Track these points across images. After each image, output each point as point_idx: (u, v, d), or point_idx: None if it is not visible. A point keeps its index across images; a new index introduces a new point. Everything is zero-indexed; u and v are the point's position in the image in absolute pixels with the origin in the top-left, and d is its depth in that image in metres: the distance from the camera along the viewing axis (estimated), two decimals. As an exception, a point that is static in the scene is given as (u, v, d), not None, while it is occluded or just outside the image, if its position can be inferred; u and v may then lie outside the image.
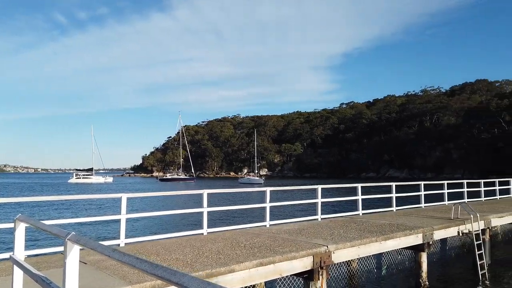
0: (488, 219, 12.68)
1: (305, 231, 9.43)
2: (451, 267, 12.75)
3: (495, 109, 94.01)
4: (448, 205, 14.99)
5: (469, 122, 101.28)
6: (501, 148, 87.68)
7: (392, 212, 14.18)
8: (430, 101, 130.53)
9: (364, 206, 14.24)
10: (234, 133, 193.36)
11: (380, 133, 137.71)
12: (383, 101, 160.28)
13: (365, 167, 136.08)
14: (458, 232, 11.41)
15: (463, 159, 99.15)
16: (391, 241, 9.21)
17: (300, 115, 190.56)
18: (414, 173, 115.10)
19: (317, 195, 11.80)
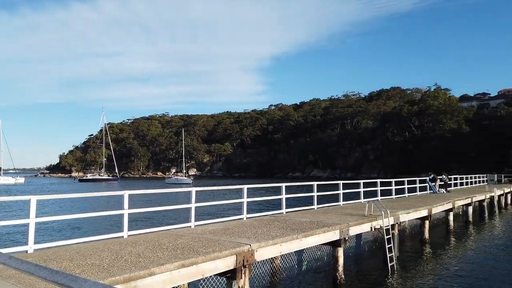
0: (397, 215, 13.89)
1: (229, 231, 9.50)
2: (365, 261, 13.76)
3: (407, 114, 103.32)
4: (363, 202, 16.12)
5: (385, 126, 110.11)
6: (411, 150, 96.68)
7: (313, 210, 14.87)
8: (351, 105, 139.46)
9: (288, 204, 14.75)
10: (162, 132, 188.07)
11: (306, 135, 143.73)
12: (309, 104, 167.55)
13: (292, 167, 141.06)
14: (371, 227, 12.34)
15: (379, 159, 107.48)
16: (311, 238, 9.66)
17: (230, 115, 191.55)
18: (336, 173, 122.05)
19: (243, 195, 11.96)
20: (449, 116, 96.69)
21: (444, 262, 13.66)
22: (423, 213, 16.21)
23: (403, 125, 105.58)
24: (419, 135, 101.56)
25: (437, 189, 25.93)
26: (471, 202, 23.14)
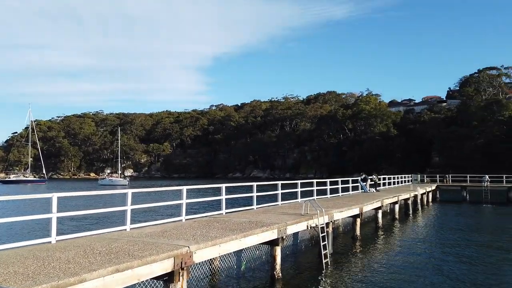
0: (331, 213, 14.55)
1: (167, 233, 9.31)
2: (301, 258, 14.22)
3: (341, 117, 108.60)
4: (300, 202, 16.66)
5: (321, 128, 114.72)
6: (345, 151, 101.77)
7: (253, 210, 15.07)
8: (290, 107, 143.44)
9: (228, 205, 14.79)
10: (96, 130, 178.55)
11: (246, 136, 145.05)
12: (250, 105, 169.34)
13: (233, 168, 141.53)
14: (308, 226, 12.81)
15: (316, 160, 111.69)
16: (250, 238, 9.79)
17: (170, 115, 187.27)
18: (275, 173, 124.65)
19: (182, 196, 11.78)
20: (379, 120, 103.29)
21: (374, 256, 14.58)
22: (355, 211, 17.14)
23: (338, 127, 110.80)
24: (352, 137, 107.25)
25: (368, 188, 27.57)
26: (398, 200, 24.94)
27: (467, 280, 11.42)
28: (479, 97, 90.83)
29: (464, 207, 33.53)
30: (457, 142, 76.94)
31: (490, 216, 28.06)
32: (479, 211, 30.41)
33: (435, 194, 39.37)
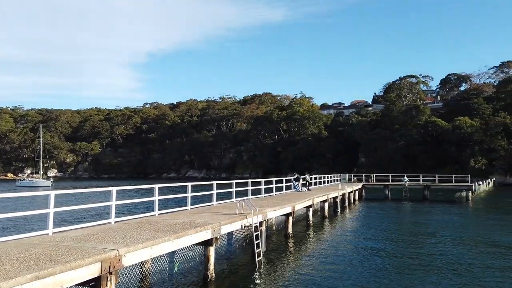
0: (265, 212, 14.86)
1: (95, 236, 8.85)
2: (235, 257, 14.34)
3: (276, 119, 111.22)
4: (235, 202, 16.78)
5: (257, 129, 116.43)
6: (279, 152, 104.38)
7: (187, 211, 14.86)
8: (227, 107, 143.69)
9: (162, 206, 14.43)
10: (14, 127, 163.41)
11: (182, 135, 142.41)
12: (186, 104, 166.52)
13: (167, 168, 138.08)
14: (241, 225, 12.95)
15: (251, 160, 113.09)
16: (183, 239, 9.66)
17: (100, 112, 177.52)
18: (211, 173, 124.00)
19: (112, 197, 11.25)
20: (312, 122, 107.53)
21: (304, 253, 15.18)
22: (287, 210, 17.69)
23: (273, 128, 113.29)
24: (287, 138, 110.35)
25: (300, 187, 28.59)
26: (327, 199, 26.18)
27: (392, 270, 12.35)
28: (401, 102, 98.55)
29: (387, 204, 36.16)
30: (381, 143, 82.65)
31: (408, 213, 30.61)
32: (399, 208, 33.00)
33: (361, 193, 41.96)
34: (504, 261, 13.84)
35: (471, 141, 71.00)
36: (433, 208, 32.39)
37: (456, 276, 11.75)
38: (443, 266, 13.02)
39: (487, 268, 12.79)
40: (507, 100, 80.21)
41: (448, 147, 73.26)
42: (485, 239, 18.38)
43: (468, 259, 14.08)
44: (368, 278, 11.50)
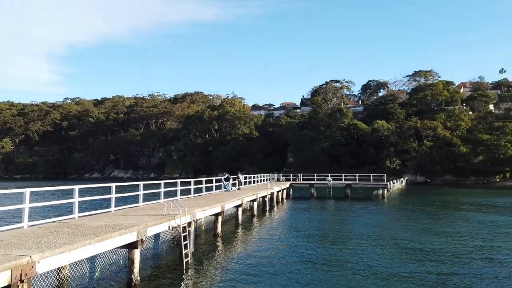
0: (194, 213, 14.73)
1: (4, 243, 8.07)
2: (162, 259, 14.01)
3: (208, 118, 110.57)
4: (163, 202, 16.39)
5: (188, 128, 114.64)
6: (211, 152, 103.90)
7: (111, 213, 14.17)
8: (157, 105, 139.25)
9: (83, 208, 13.59)
10: None
11: (107, 133, 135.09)
12: (112, 101, 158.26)
13: (90, 167, 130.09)
14: (169, 226, 12.70)
15: (181, 160, 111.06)
16: (106, 242, 9.22)
17: (12, 106, 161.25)
18: (139, 173, 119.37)
19: (25, 199, 10.34)
20: (243, 122, 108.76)
21: (233, 252, 15.33)
22: (217, 209, 17.71)
23: (205, 128, 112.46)
24: (218, 138, 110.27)
25: (230, 187, 28.77)
26: (256, 198, 26.69)
27: (318, 267, 12.98)
28: (326, 105, 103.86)
29: (312, 202, 37.85)
30: (308, 144, 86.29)
31: (332, 210, 32.39)
32: (323, 206, 34.76)
33: (289, 192, 43.42)
34: (407, 250, 15.32)
35: (387, 143, 77.18)
36: (353, 205, 34.65)
37: (371, 267, 12.75)
38: (362, 261, 14.01)
39: (395, 258, 14.07)
40: (418, 106, 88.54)
41: (367, 148, 78.79)
42: (396, 233, 20.14)
43: (382, 250, 15.35)
44: (295, 275, 11.97)
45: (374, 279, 11.45)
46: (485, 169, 70.89)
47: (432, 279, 11.43)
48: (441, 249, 15.73)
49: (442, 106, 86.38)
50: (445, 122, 78.90)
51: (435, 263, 13.45)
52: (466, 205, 35.23)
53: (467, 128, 77.59)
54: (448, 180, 72.10)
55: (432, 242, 17.30)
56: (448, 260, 13.82)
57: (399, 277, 11.60)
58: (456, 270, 12.56)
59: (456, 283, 11.11)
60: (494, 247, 16.27)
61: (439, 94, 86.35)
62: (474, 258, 14.11)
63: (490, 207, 33.50)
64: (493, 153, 70.30)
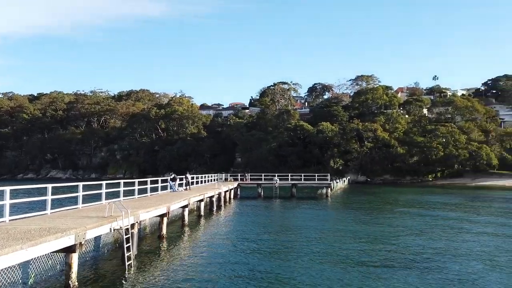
0: (137, 214, 14.31)
1: None
2: (103, 263, 13.47)
3: (154, 117, 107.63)
4: (105, 204, 15.74)
5: (133, 127, 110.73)
6: (157, 151, 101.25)
7: (46, 215, 13.35)
8: (99, 102, 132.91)
9: (15, 211, 12.67)
10: None
11: (43, 131, 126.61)
12: (50, 97, 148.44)
13: (24, 167, 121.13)
14: (111, 229, 12.23)
15: (125, 159, 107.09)
16: (40, 246, 8.69)
17: None
18: (79, 174, 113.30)
19: None
20: (191, 122, 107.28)
21: (178, 253, 15.11)
22: (162, 210, 17.35)
23: (151, 126, 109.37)
24: (165, 137, 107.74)
25: (177, 187, 28.29)
26: (203, 198, 26.51)
27: (262, 269, 13.17)
28: (274, 106, 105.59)
29: (259, 202, 38.33)
30: (256, 144, 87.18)
31: (278, 210, 33.04)
32: (270, 206, 35.34)
33: (237, 192, 43.60)
34: (348, 244, 16.11)
35: (331, 144, 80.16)
36: (299, 204, 35.64)
37: (319, 261, 13.22)
38: (309, 256, 14.46)
39: (339, 250, 14.73)
40: (360, 109, 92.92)
41: (313, 149, 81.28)
42: (339, 228, 21.04)
43: (325, 244, 15.96)
44: (242, 276, 12.07)
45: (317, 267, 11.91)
46: (419, 169, 76.06)
47: (361, 262, 12.12)
48: (377, 239, 16.71)
49: (382, 109, 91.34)
50: (384, 125, 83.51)
51: (370, 250, 14.28)
52: (402, 203, 37.68)
53: (404, 130, 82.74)
54: (386, 179, 76.44)
55: (368, 233, 18.31)
56: (385, 249, 14.74)
57: (339, 262, 12.17)
58: (389, 256, 13.43)
59: (387, 266, 11.87)
60: (431, 239, 17.60)
61: (379, 98, 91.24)
62: (409, 247, 15.17)
63: (423, 204, 36.08)
64: (426, 154, 75.58)
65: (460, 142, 75.01)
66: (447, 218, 25.91)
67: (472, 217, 26.96)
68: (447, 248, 16.08)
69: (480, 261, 13.86)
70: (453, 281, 11.33)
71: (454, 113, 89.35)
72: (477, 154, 72.08)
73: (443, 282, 11.22)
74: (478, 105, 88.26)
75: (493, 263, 13.56)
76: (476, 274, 12.17)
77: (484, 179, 69.98)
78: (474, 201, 39.72)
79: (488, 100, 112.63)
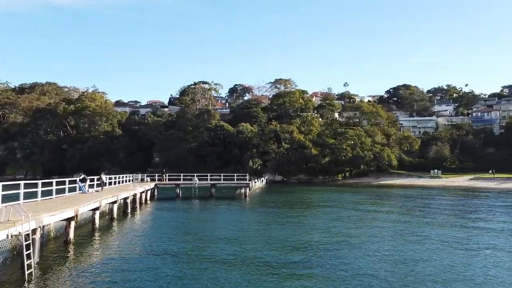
0: (40, 218, 13.12)
1: None
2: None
3: (63, 112, 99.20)
4: (1, 207, 14.15)
5: (37, 123, 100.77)
6: (65, 150, 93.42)
7: None
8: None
9: None
10: None
11: None
12: None
13: None
14: (8, 235, 11.06)
15: (27, 158, 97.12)
16: None
17: None
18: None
19: None
20: (105, 119, 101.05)
21: (86, 259, 14.20)
22: (69, 214, 16.14)
23: (58, 123, 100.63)
24: (74, 135, 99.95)
25: (87, 189, 26.48)
26: (117, 200, 25.22)
27: (172, 275, 12.95)
28: (194, 106, 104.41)
29: (178, 203, 37.61)
30: (175, 144, 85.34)
31: (197, 210, 32.79)
32: (189, 206, 34.89)
33: (154, 192, 42.24)
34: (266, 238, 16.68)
35: (251, 144, 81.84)
36: (217, 205, 35.76)
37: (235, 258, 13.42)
38: (227, 257, 14.60)
39: (252, 247, 15.15)
40: (278, 111, 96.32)
41: (232, 149, 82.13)
42: (254, 228, 21.62)
43: (239, 245, 16.29)
44: (155, 280, 11.76)
45: (233, 268, 12.10)
46: (330, 169, 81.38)
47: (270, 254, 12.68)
48: (289, 239, 17.56)
49: (298, 112, 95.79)
50: (300, 127, 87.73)
51: (283, 249, 14.96)
52: (314, 201, 40.01)
53: (317, 132, 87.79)
54: (301, 179, 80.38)
55: (281, 233, 19.14)
56: (297, 248, 15.54)
57: (253, 262, 12.53)
58: (304, 250, 14.21)
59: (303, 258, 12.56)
60: (339, 233, 18.94)
61: (296, 101, 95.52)
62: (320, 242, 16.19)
63: (332, 202, 38.71)
64: (337, 155, 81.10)
65: (366, 144, 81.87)
66: (353, 214, 28.17)
67: (377, 211, 29.72)
68: (354, 241, 17.51)
69: (386, 244, 15.38)
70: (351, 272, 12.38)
71: (361, 117, 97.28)
72: (380, 155, 79.41)
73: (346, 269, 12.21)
74: (381, 111, 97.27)
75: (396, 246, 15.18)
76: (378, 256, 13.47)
77: (386, 178, 77.42)
78: (379, 198, 43.77)
79: (390, 107, 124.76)
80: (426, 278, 11.85)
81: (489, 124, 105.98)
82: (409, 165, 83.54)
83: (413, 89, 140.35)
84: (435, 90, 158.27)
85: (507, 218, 26.39)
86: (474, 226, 22.76)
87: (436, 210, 31.22)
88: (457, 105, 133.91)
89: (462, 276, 12.10)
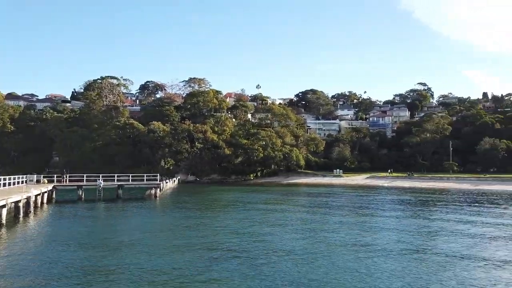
0: None
1: None
2: None
3: None
4: None
5: None
6: None
7: None
8: None
9: None
10: None
11: None
12: None
13: None
14: None
15: None
16: None
17: None
18: None
19: None
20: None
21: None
22: None
23: None
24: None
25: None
26: (6, 203, 22.57)
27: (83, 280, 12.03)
28: (101, 102, 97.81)
29: (79, 206, 34.95)
30: (78, 142, 79.17)
31: (101, 214, 30.84)
32: (92, 210, 32.63)
33: (51, 195, 38.65)
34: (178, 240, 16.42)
35: (163, 144, 79.52)
36: (124, 207, 34.10)
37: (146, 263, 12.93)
38: (130, 267, 13.98)
39: (157, 255, 14.80)
40: (191, 111, 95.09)
41: (143, 148, 78.89)
42: (163, 231, 21.07)
43: (146, 248, 15.79)
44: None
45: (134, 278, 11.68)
46: (243, 169, 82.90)
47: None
48: (199, 238, 17.55)
49: (212, 112, 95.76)
50: (213, 127, 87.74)
51: (187, 251, 14.90)
52: (225, 201, 40.47)
53: (231, 133, 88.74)
54: (214, 178, 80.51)
55: (187, 235, 19.03)
56: (205, 246, 15.58)
57: (163, 271, 12.25)
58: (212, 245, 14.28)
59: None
60: (253, 233, 19.40)
61: (210, 101, 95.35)
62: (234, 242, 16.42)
63: (242, 201, 39.55)
64: (249, 155, 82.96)
65: (276, 145, 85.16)
66: (263, 212, 29.15)
67: (284, 210, 31.14)
68: (267, 239, 18.13)
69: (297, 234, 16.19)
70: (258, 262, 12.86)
71: (272, 119, 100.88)
72: (289, 156, 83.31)
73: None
74: (291, 113, 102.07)
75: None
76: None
77: (294, 177, 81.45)
78: (287, 195, 45.88)
79: (299, 110, 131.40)
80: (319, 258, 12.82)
81: (383, 128, 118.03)
82: (315, 165, 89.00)
83: (319, 94, 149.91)
84: (339, 95, 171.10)
85: (390, 212, 29.82)
86: (362, 213, 25.27)
87: (335, 206, 33.90)
88: (357, 110, 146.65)
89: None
